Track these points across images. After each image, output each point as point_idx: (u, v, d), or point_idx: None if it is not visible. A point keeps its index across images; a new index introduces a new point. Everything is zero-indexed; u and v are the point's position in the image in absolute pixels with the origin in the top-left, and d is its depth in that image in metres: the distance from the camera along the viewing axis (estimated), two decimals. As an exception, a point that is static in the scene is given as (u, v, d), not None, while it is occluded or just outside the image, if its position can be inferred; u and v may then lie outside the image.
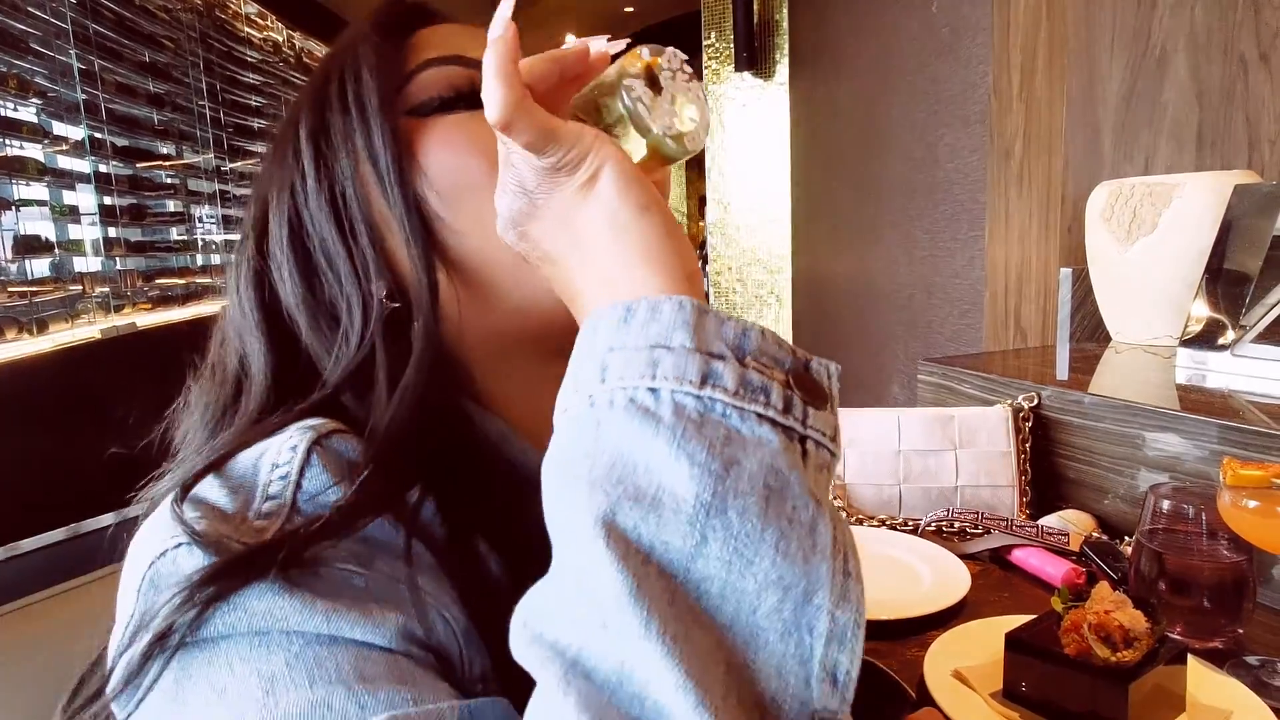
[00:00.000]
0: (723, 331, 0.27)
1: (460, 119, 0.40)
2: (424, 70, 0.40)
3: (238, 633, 0.28)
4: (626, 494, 0.25)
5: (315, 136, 0.40)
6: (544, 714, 0.23)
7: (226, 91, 2.11)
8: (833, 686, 0.24)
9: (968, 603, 0.74)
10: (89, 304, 1.69)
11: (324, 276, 0.39)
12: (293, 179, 0.40)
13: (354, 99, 0.39)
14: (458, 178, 0.38)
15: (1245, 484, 0.62)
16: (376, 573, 0.30)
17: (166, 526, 0.31)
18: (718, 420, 0.25)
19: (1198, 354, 0.97)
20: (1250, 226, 0.98)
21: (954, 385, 1.13)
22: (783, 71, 2.55)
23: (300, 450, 0.32)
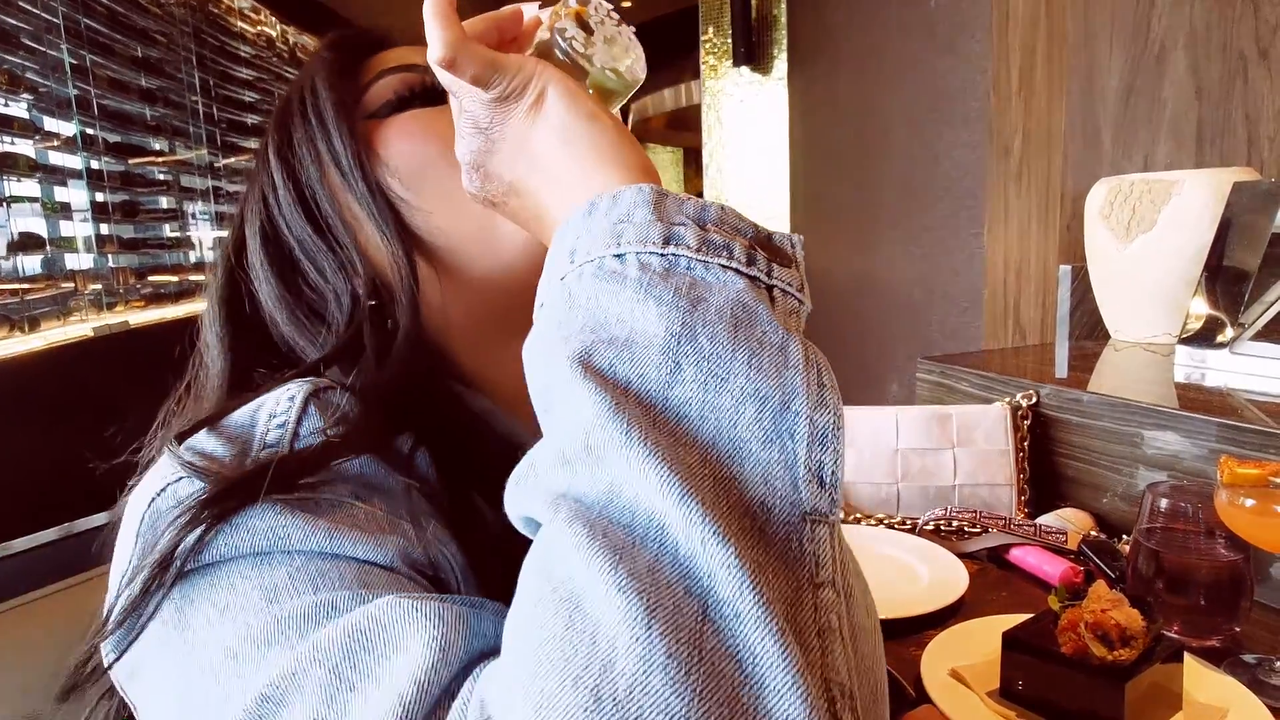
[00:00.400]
0: (683, 207, 0.28)
1: (414, 113, 0.42)
2: (379, 79, 0.43)
3: (240, 554, 0.29)
4: (600, 340, 0.26)
5: (281, 150, 0.42)
6: (540, 546, 0.24)
7: (220, 87, 2.09)
8: (820, 487, 0.24)
9: (965, 601, 0.74)
10: (81, 301, 1.68)
11: (305, 274, 0.41)
12: (264, 191, 0.42)
13: (313, 109, 0.42)
14: (416, 161, 0.41)
15: (1242, 483, 0.62)
16: (375, 507, 0.31)
17: (161, 469, 0.32)
18: (683, 272, 0.27)
19: (1196, 352, 0.97)
20: (1249, 224, 0.97)
21: (952, 383, 1.13)
22: (781, 66, 2.54)
23: (298, 400, 0.33)
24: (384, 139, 0.41)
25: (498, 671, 0.23)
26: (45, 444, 1.34)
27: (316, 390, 0.34)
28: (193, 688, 0.27)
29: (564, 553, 0.22)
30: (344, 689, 0.24)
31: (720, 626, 0.21)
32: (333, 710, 0.24)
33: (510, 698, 0.22)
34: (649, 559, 0.22)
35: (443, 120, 0.40)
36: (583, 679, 0.20)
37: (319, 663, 0.25)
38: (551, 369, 0.26)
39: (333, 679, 0.25)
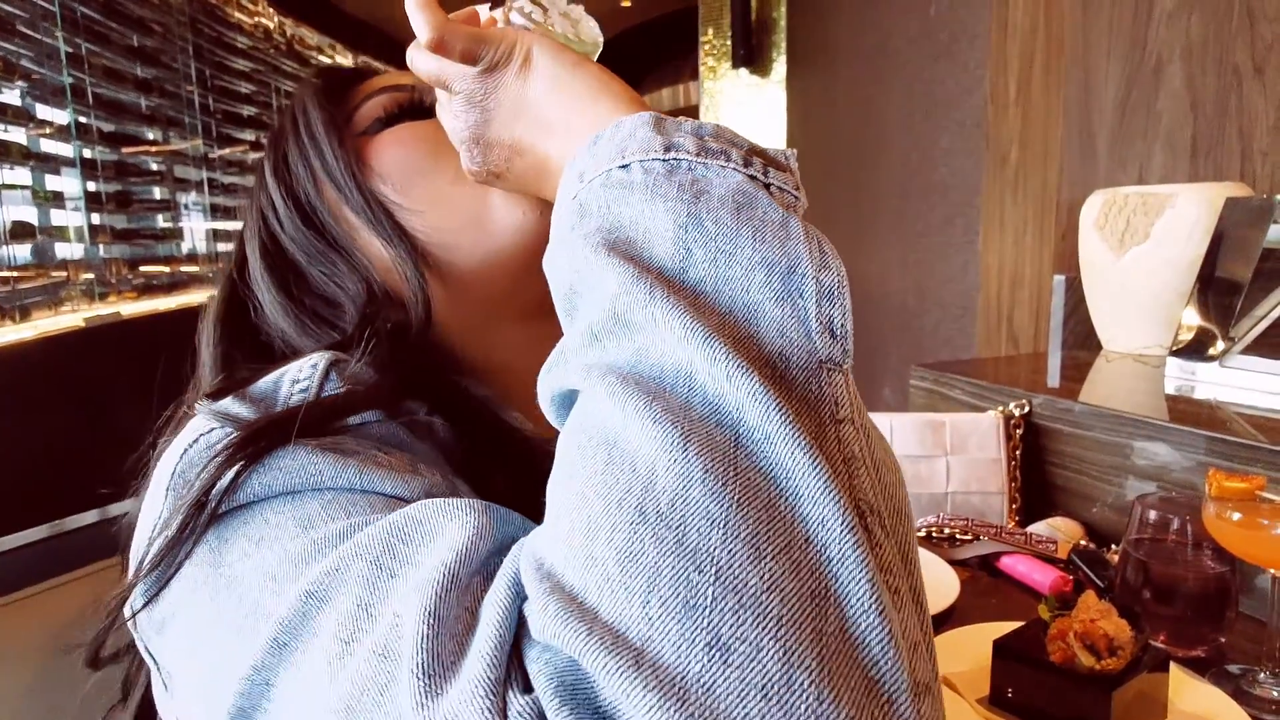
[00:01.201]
0: (681, 125, 0.30)
1: (402, 126, 0.45)
2: (368, 99, 0.45)
3: (272, 493, 0.30)
4: (619, 239, 0.27)
5: (278, 168, 0.44)
6: (576, 411, 0.25)
7: (215, 78, 2.08)
8: (832, 338, 0.26)
9: (956, 608, 0.75)
10: (73, 291, 1.67)
11: (311, 282, 0.43)
12: (263, 210, 0.44)
13: (305, 128, 0.44)
14: (406, 166, 0.43)
15: (1229, 496, 0.63)
16: (398, 458, 0.33)
17: (192, 426, 0.33)
18: (685, 171, 0.28)
19: (1187, 364, 0.98)
20: (1241, 239, 0.99)
21: (946, 391, 1.13)
22: (780, 69, 2.54)
23: (320, 367, 0.35)
24: (375, 151, 0.44)
25: (543, 525, 0.24)
26: (37, 436, 1.33)
27: (337, 359, 0.36)
28: (229, 619, 0.28)
29: (598, 406, 0.24)
30: (384, 576, 0.25)
31: (752, 450, 0.22)
32: (376, 594, 0.25)
33: (558, 534, 0.23)
34: (680, 400, 0.23)
35: (428, 128, 0.44)
36: (625, 500, 0.21)
37: (359, 556, 0.26)
38: (575, 263, 0.28)
39: (374, 569, 0.26)
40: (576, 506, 0.23)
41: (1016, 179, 1.52)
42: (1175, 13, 1.26)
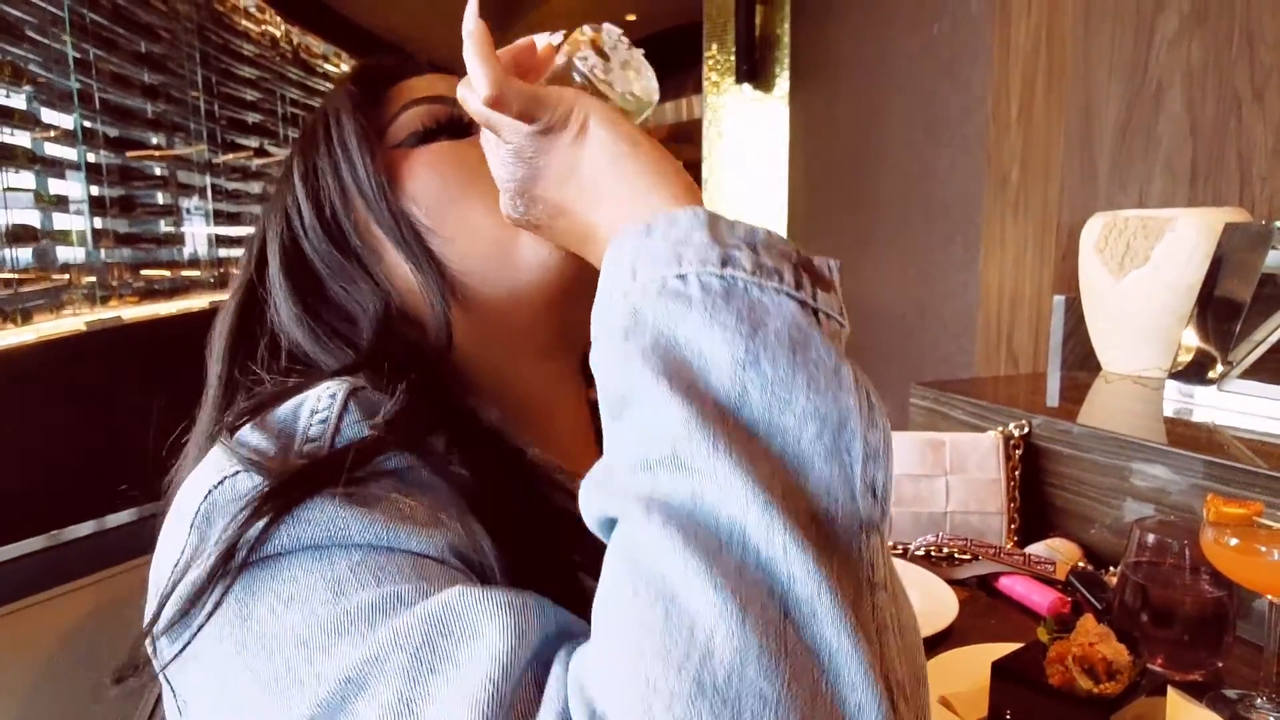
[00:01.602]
0: (734, 229, 0.30)
1: (439, 146, 0.44)
2: (405, 110, 0.44)
3: (300, 546, 0.30)
4: (676, 361, 0.27)
5: (306, 176, 0.44)
6: (627, 542, 0.26)
7: (221, 85, 2.09)
8: (873, 499, 0.27)
9: (955, 628, 0.75)
10: (74, 295, 1.67)
11: (330, 294, 0.43)
12: (288, 214, 0.44)
13: (337, 139, 0.43)
14: (439, 192, 0.42)
15: (1227, 521, 0.63)
16: (420, 503, 0.33)
17: (216, 461, 0.33)
18: (741, 293, 0.28)
19: (1185, 387, 0.99)
20: (1239, 264, 0.99)
21: (946, 410, 1.14)
22: (783, 85, 2.56)
23: (339, 397, 0.34)
24: (409, 169, 0.43)
25: (591, 657, 0.25)
26: (36, 441, 1.32)
27: (356, 389, 0.35)
28: (258, 675, 0.28)
29: (656, 551, 0.24)
30: (424, 670, 0.26)
31: (800, 624, 0.23)
32: (416, 689, 0.26)
33: (612, 680, 0.23)
34: (736, 561, 0.24)
35: (465, 151, 0.43)
36: (685, 666, 0.22)
37: (400, 647, 0.26)
38: (629, 376, 0.28)
39: (414, 662, 0.26)
40: (633, 658, 0.23)
41: (1017, 199, 1.53)
42: (1176, 38, 1.27)
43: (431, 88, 0.46)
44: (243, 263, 0.46)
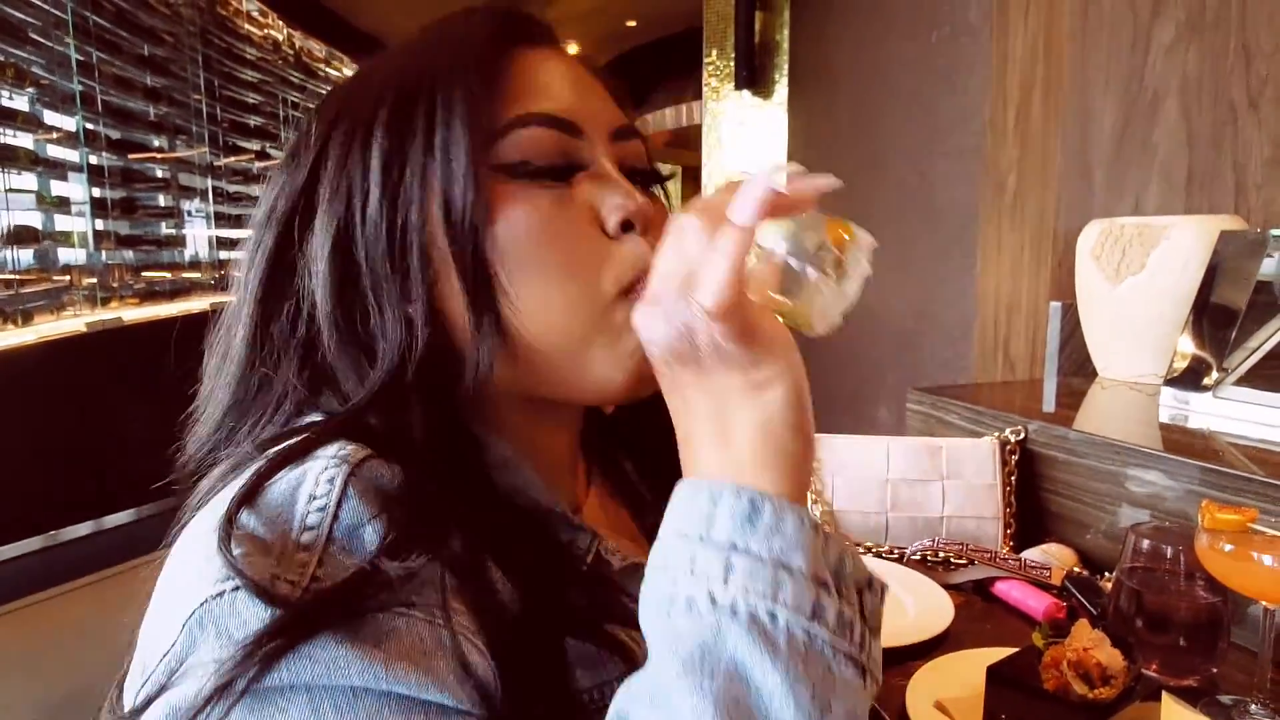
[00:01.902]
0: (828, 555, 0.30)
1: (548, 195, 0.38)
2: (525, 127, 0.38)
3: (297, 683, 0.29)
4: (743, 709, 0.28)
5: (389, 161, 0.37)
6: None
7: (224, 88, 2.10)
8: None
9: (951, 633, 0.75)
10: (75, 296, 1.68)
11: (365, 299, 0.37)
12: (352, 190, 0.38)
13: (441, 143, 0.37)
14: (530, 255, 0.37)
15: (1222, 528, 0.64)
16: (415, 616, 0.31)
17: (212, 564, 0.30)
18: (818, 655, 0.29)
19: (1181, 394, 0.99)
20: (1235, 271, 1.00)
21: (942, 415, 1.14)
22: (782, 91, 2.57)
23: (337, 483, 0.32)
24: (505, 209, 0.37)
25: None
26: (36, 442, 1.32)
27: (354, 468, 0.33)
28: None
29: None
30: None
31: None
32: None
33: None
34: None
35: (572, 214, 0.38)
36: None
37: None
38: (682, 693, 0.28)
39: None
40: None
41: (1014, 206, 1.54)
42: (1172, 47, 1.28)
43: (555, 83, 0.39)
44: (270, 214, 0.39)
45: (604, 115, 0.41)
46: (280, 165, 0.41)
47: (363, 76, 0.42)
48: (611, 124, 0.41)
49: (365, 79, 0.41)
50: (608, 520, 0.48)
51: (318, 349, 0.38)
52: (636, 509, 0.51)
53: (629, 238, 0.38)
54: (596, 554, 0.41)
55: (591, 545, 0.41)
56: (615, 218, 0.38)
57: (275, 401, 0.39)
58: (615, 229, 0.38)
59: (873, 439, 0.99)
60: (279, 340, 0.39)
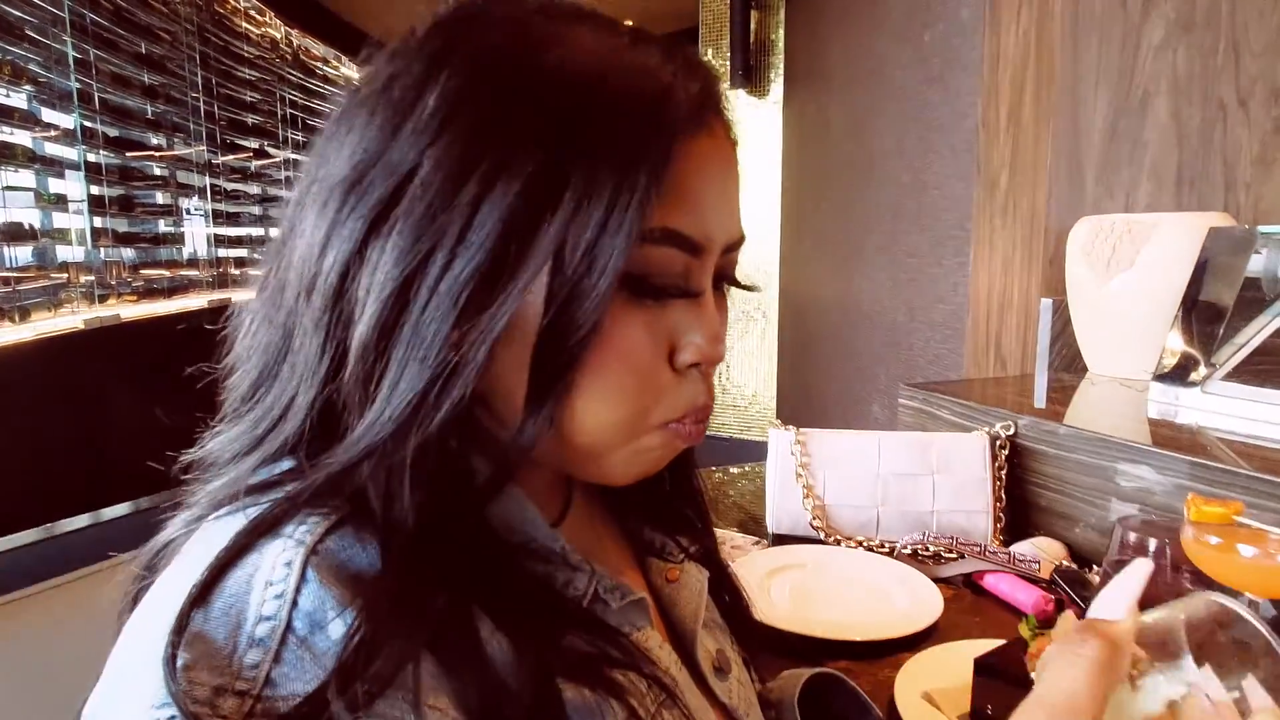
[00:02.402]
0: None
1: (646, 316, 0.34)
2: (659, 243, 0.33)
3: None
4: None
5: (514, 224, 0.31)
6: None
7: (221, 86, 2.10)
8: None
9: (939, 626, 0.76)
10: (73, 293, 1.68)
11: (405, 334, 0.31)
12: (449, 224, 0.31)
13: (587, 245, 0.31)
14: (604, 375, 0.34)
15: (1208, 521, 0.64)
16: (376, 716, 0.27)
17: (152, 678, 0.26)
18: None
19: (1169, 389, 1.00)
20: (1223, 268, 1.01)
21: (934, 410, 1.15)
22: (777, 90, 2.58)
23: (295, 566, 0.28)
24: (607, 320, 0.32)
25: None
26: (34, 437, 1.33)
27: (315, 547, 0.29)
28: None
29: None
30: None
31: None
32: None
33: None
34: None
35: (658, 339, 0.35)
36: None
37: None
38: None
39: None
40: None
41: (1006, 204, 1.55)
42: (1162, 46, 1.29)
43: (710, 196, 0.34)
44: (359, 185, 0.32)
45: (727, 228, 0.36)
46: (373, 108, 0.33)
47: (530, 72, 0.32)
48: (729, 238, 0.37)
49: (530, 80, 0.32)
50: (594, 532, 0.47)
51: (342, 368, 0.33)
52: (619, 511, 0.50)
53: (692, 374, 0.37)
54: (594, 593, 0.38)
55: (590, 586, 0.38)
56: (689, 360, 0.36)
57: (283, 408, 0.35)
58: (683, 367, 0.36)
59: (864, 434, 0.99)
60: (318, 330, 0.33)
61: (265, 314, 0.36)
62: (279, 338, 0.35)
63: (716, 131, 0.35)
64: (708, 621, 0.49)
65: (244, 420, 0.36)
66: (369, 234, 0.32)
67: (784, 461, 0.98)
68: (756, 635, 0.53)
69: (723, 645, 0.49)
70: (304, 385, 0.34)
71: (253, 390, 0.36)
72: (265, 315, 0.36)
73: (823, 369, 2.41)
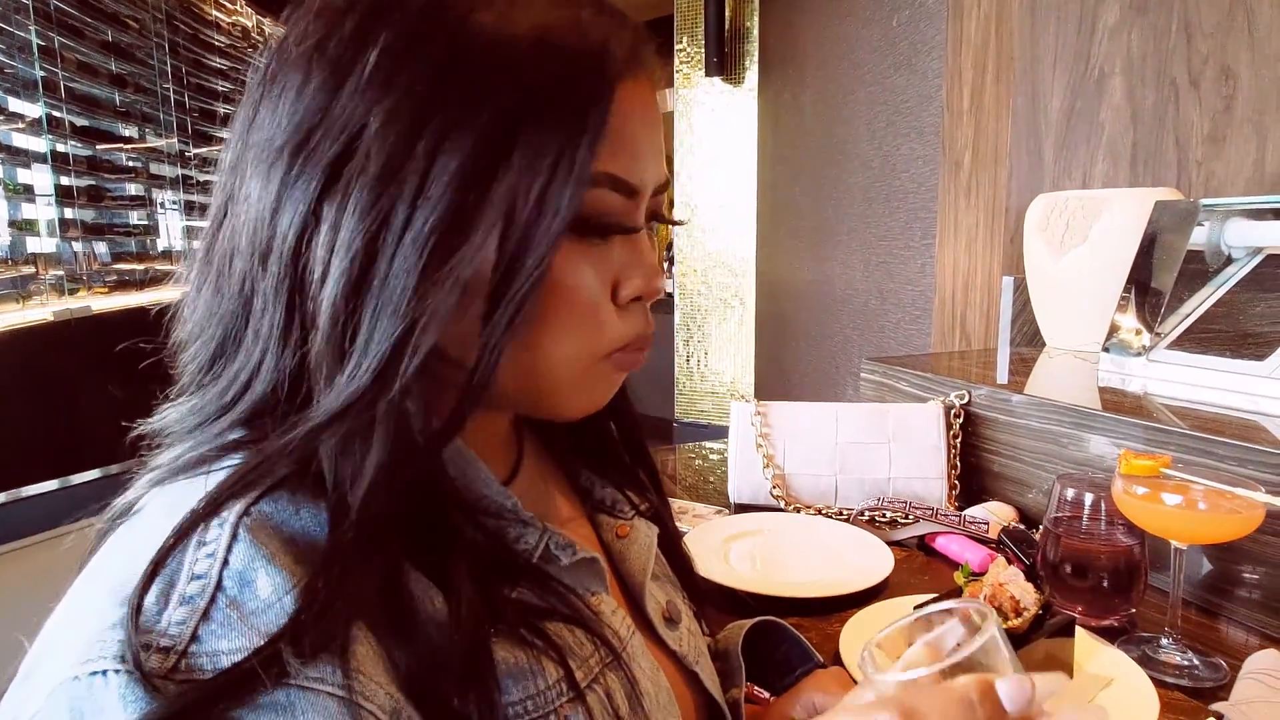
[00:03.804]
0: None
1: (591, 256, 0.36)
2: (600, 186, 0.35)
3: None
4: None
5: (472, 178, 0.32)
6: None
7: (192, 75, 2.09)
8: None
9: (890, 583, 0.79)
10: (42, 285, 1.67)
11: (374, 289, 0.32)
12: (405, 180, 0.32)
13: (539, 190, 0.32)
14: (556, 312, 0.35)
15: (1137, 473, 0.67)
16: (301, 687, 0.27)
17: (89, 631, 0.27)
18: None
19: (1117, 359, 1.03)
20: (1168, 241, 1.04)
21: (893, 383, 1.18)
22: (752, 77, 2.60)
23: (228, 527, 0.29)
24: (558, 261, 0.34)
25: None
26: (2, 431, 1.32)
27: (250, 507, 0.30)
28: None
29: None
30: None
31: None
32: None
33: None
34: None
35: (603, 277, 0.37)
36: None
37: None
38: None
39: None
40: None
41: (969, 185, 1.58)
42: (1117, 28, 1.32)
43: (643, 139, 0.36)
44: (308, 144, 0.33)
45: (657, 170, 0.38)
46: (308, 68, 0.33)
47: (471, 27, 0.33)
48: (658, 180, 0.39)
49: (472, 35, 0.33)
50: (545, 490, 0.48)
51: (309, 329, 0.33)
52: (570, 469, 0.51)
53: (634, 307, 0.39)
54: (545, 549, 0.39)
55: (540, 541, 0.39)
56: (632, 293, 0.38)
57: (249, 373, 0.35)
58: (625, 301, 0.38)
59: (822, 405, 1.02)
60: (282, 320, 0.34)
61: (215, 285, 0.36)
62: (237, 305, 0.35)
63: (644, 80, 0.37)
64: (658, 574, 0.50)
65: (209, 390, 0.36)
66: (322, 193, 0.32)
67: (745, 432, 1.00)
68: (702, 591, 0.55)
69: (673, 597, 0.50)
70: (270, 349, 0.34)
71: (212, 361, 0.36)
72: (215, 286, 0.36)
73: (799, 354, 2.44)
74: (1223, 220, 0.99)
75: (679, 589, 0.52)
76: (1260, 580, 0.73)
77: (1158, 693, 0.59)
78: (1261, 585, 0.73)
